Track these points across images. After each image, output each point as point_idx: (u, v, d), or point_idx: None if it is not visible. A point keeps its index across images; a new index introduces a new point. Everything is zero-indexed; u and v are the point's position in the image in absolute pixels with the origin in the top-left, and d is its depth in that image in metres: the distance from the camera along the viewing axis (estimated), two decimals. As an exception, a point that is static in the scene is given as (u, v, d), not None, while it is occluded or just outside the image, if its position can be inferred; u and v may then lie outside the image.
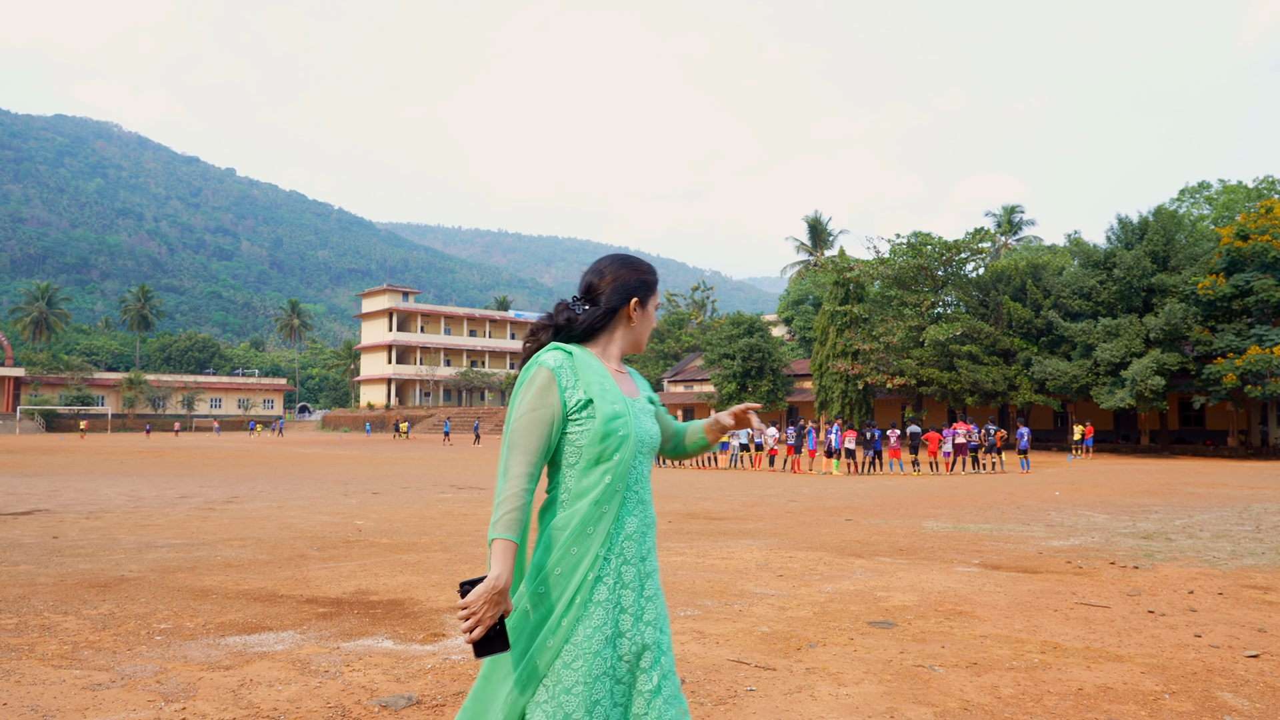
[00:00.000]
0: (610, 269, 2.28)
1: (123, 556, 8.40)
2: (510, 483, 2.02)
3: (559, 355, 2.13)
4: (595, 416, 2.08)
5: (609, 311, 2.24)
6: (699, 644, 5.10)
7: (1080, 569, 7.92)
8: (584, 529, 2.07)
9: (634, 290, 2.27)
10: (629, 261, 2.33)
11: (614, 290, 2.25)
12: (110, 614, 5.85)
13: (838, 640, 5.17)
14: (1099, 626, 5.54)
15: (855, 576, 7.47)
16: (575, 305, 2.26)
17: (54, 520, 11.53)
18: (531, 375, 2.11)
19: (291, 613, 5.95)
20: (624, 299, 2.25)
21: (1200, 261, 36.51)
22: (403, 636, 5.29)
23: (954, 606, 6.15)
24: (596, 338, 2.25)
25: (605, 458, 2.10)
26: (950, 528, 11.30)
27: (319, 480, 20.01)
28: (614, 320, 2.26)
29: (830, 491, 17.94)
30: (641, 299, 2.29)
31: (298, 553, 8.74)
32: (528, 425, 2.06)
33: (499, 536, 1.98)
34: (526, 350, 2.23)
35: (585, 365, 2.14)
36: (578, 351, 2.16)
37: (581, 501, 2.09)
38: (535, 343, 2.23)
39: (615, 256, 2.34)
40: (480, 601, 1.91)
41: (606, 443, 2.10)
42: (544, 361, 2.11)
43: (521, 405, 2.08)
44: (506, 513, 1.99)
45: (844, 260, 48.70)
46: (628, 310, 2.27)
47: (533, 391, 2.08)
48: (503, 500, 2.01)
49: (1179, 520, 12.14)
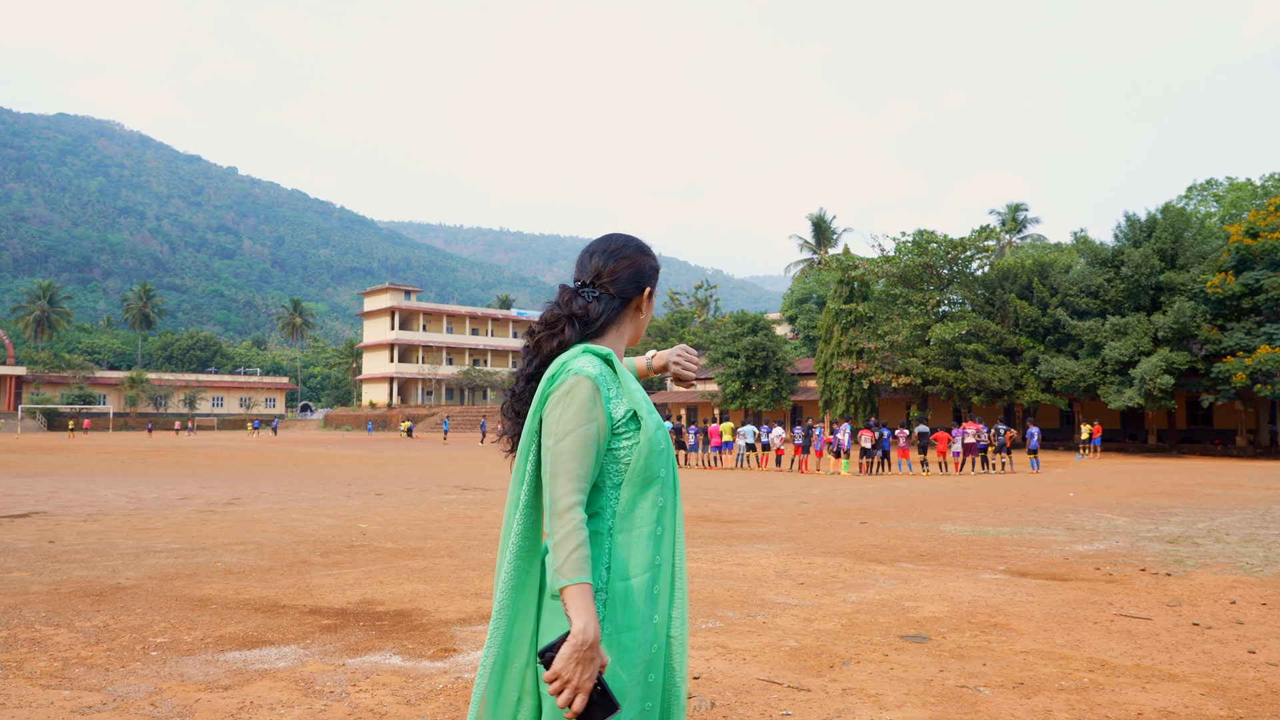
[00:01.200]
0: (623, 251, 2.00)
1: (120, 562, 8.13)
2: (566, 517, 1.72)
3: (597, 362, 1.84)
4: (642, 431, 1.83)
5: (623, 303, 1.98)
6: (725, 661, 4.82)
7: (1111, 576, 7.64)
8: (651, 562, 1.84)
9: (648, 278, 2.02)
10: (639, 244, 2.05)
11: (629, 277, 1.98)
12: (104, 626, 5.58)
13: (871, 657, 4.89)
14: (1144, 641, 5.26)
15: (879, 584, 7.19)
16: (587, 293, 1.96)
17: (51, 523, 11.27)
18: (568, 386, 1.79)
19: (294, 625, 5.68)
20: (639, 288, 1.99)
21: (1209, 259, 36.18)
22: (411, 652, 5.02)
23: (988, 618, 5.88)
24: (607, 332, 1.98)
25: (655, 477, 1.85)
26: (969, 531, 11.02)
27: (321, 481, 19.75)
28: (625, 312, 2.00)
29: (840, 493, 17.66)
30: (652, 287, 2.04)
31: (300, 558, 8.48)
32: (575, 447, 1.77)
33: (573, 581, 1.68)
34: (545, 351, 1.91)
35: (624, 371, 1.88)
36: (612, 355, 1.90)
37: (639, 530, 1.83)
38: (558, 342, 1.91)
39: (623, 238, 2.05)
40: (572, 665, 1.62)
41: (656, 460, 1.85)
42: (583, 370, 1.81)
43: (564, 422, 1.78)
44: (572, 551, 1.69)
45: (848, 258, 48.38)
46: (640, 300, 2.01)
47: (575, 406, 1.78)
48: (564, 538, 1.70)
49: (1201, 523, 11.86)
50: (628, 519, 1.83)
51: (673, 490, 1.92)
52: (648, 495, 1.84)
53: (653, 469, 1.84)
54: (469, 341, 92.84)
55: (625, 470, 1.83)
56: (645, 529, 1.82)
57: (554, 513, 1.73)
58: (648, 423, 1.83)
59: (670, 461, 1.91)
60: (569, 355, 1.85)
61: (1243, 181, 56.26)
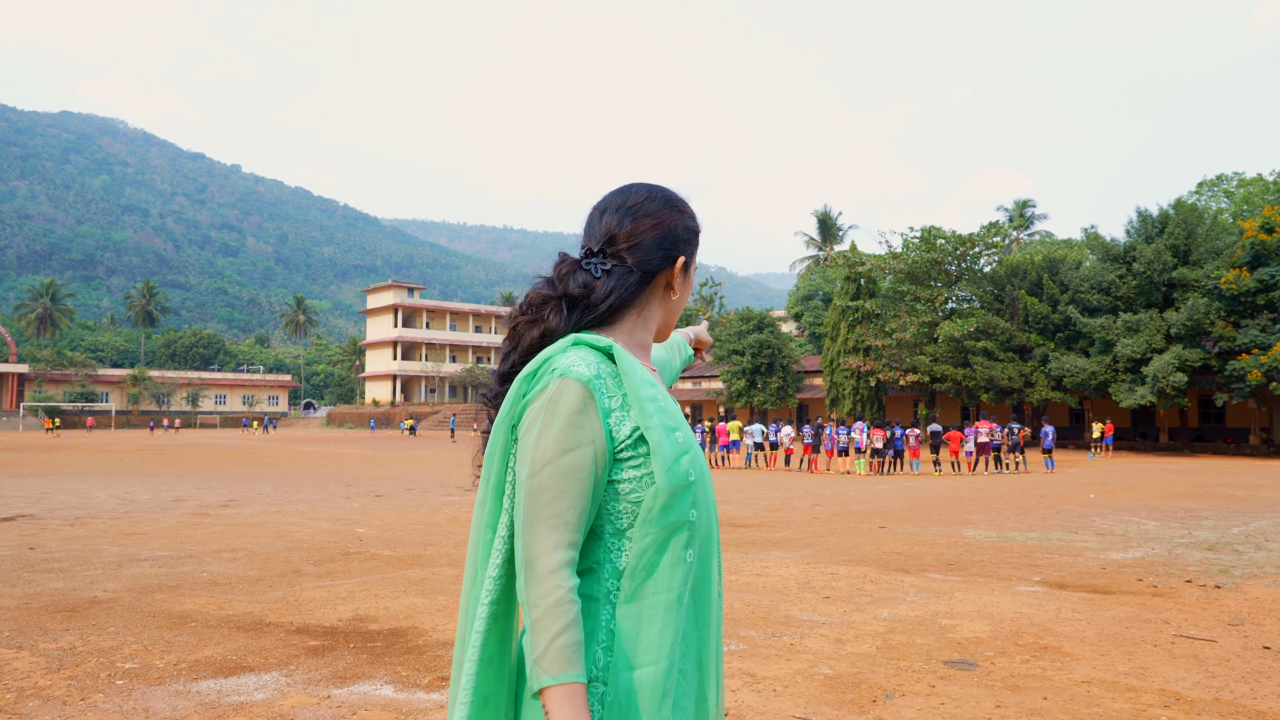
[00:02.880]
0: (646, 207, 1.44)
1: (100, 572, 7.66)
2: (548, 583, 1.20)
3: (591, 356, 1.30)
4: (656, 457, 1.26)
5: (645, 277, 1.42)
6: (754, 692, 4.33)
7: (1156, 588, 7.14)
8: (671, 646, 1.27)
9: (683, 244, 1.45)
10: (669, 196, 1.48)
11: (655, 242, 1.42)
12: (71, 649, 5.10)
13: (916, 688, 4.40)
14: (1215, 668, 4.77)
15: (910, 599, 6.70)
16: (592, 265, 1.41)
17: (36, 528, 10.80)
18: (551, 393, 1.26)
19: (278, 646, 5.20)
20: (667, 257, 1.43)
21: (1223, 255, 35.60)
22: (405, 681, 4.54)
23: (1035, 639, 5.38)
24: (623, 318, 1.42)
25: (680, 523, 1.28)
26: (994, 537, 10.52)
27: (321, 481, 19.28)
28: (648, 290, 1.44)
29: (854, 494, 17.16)
30: (688, 257, 1.47)
31: (292, 567, 8.00)
32: (560, 481, 1.23)
33: (558, 681, 1.17)
34: (526, 344, 1.38)
35: (630, 370, 1.31)
36: (615, 347, 1.33)
37: (654, 598, 1.27)
38: (541, 331, 1.37)
39: (646, 188, 1.47)
40: None
41: (681, 500, 1.28)
42: (570, 369, 1.27)
43: (544, 446, 1.25)
44: (556, 635, 1.18)
45: (855, 255, 47.81)
46: (670, 275, 1.44)
47: (559, 422, 1.25)
48: (544, 615, 1.19)
49: (1235, 528, 11.35)
50: (638, 582, 1.28)
51: (709, 540, 1.35)
52: (669, 549, 1.28)
53: (676, 512, 1.28)
54: (472, 339, 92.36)
55: (633, 512, 1.28)
56: (664, 597, 1.27)
57: (530, 575, 1.22)
58: (664, 446, 1.27)
59: (705, 498, 1.34)
60: (555, 349, 1.31)
61: (1253, 177, 55.62)
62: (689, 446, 1.31)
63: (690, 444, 1.32)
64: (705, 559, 1.34)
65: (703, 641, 1.33)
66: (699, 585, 1.33)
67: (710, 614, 1.35)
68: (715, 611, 1.36)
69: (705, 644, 1.34)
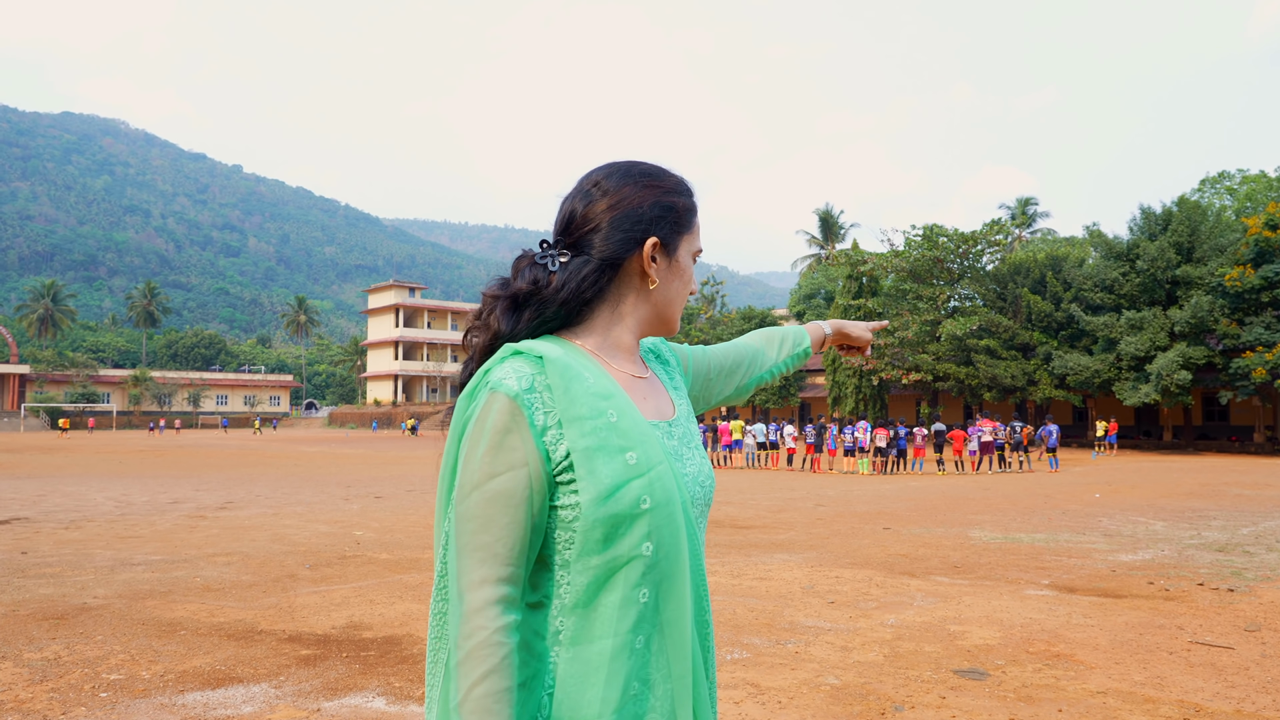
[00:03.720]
0: (605, 184, 1.25)
1: (91, 577, 7.52)
2: (469, 620, 1.07)
3: (525, 367, 1.14)
4: (590, 482, 1.10)
5: (606, 266, 1.23)
6: (757, 705, 4.19)
7: (1168, 592, 6.99)
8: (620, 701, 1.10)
9: (652, 222, 1.24)
10: (645, 170, 1.28)
11: (613, 224, 1.22)
12: (56, 658, 4.96)
13: (926, 699, 4.25)
14: (1235, 678, 4.62)
15: (917, 603, 6.55)
16: (547, 257, 1.23)
17: (29, 531, 10.67)
18: (480, 410, 1.13)
19: (269, 655, 5.06)
20: (631, 240, 1.23)
21: (1227, 252, 35.39)
22: (398, 692, 4.40)
23: (1047, 646, 5.23)
24: (591, 316, 1.25)
25: (626, 557, 1.11)
26: (1000, 538, 10.38)
27: (320, 482, 19.15)
28: (617, 282, 1.25)
29: (857, 494, 17.01)
30: (665, 238, 1.26)
31: (287, 572, 7.86)
32: (487, 508, 1.09)
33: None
34: (477, 354, 1.24)
35: (572, 378, 1.14)
36: (554, 354, 1.16)
37: (597, 644, 1.11)
38: (486, 338, 1.22)
39: (619, 164, 1.28)
40: None
41: (621, 529, 1.10)
42: (500, 383, 1.12)
43: (469, 470, 1.11)
44: (477, 682, 1.04)
45: (857, 253, 47.60)
46: (639, 262, 1.25)
47: (485, 441, 1.11)
48: (465, 657, 1.06)
49: (1245, 529, 11.20)
50: (580, 623, 1.12)
51: (673, 577, 1.15)
52: (612, 587, 1.11)
53: (620, 545, 1.11)
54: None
55: (575, 542, 1.12)
56: (609, 642, 1.10)
57: (457, 613, 1.08)
58: (600, 470, 1.10)
59: (670, 529, 1.14)
60: (493, 360, 1.17)
61: (1257, 174, 55.37)
62: (646, 470, 1.13)
63: (648, 467, 1.13)
64: (671, 599, 1.15)
65: (678, 694, 1.15)
66: (667, 629, 1.14)
67: (686, 661, 1.16)
68: (695, 658, 1.18)
69: (682, 697, 1.15)
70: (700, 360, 1.51)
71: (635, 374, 1.27)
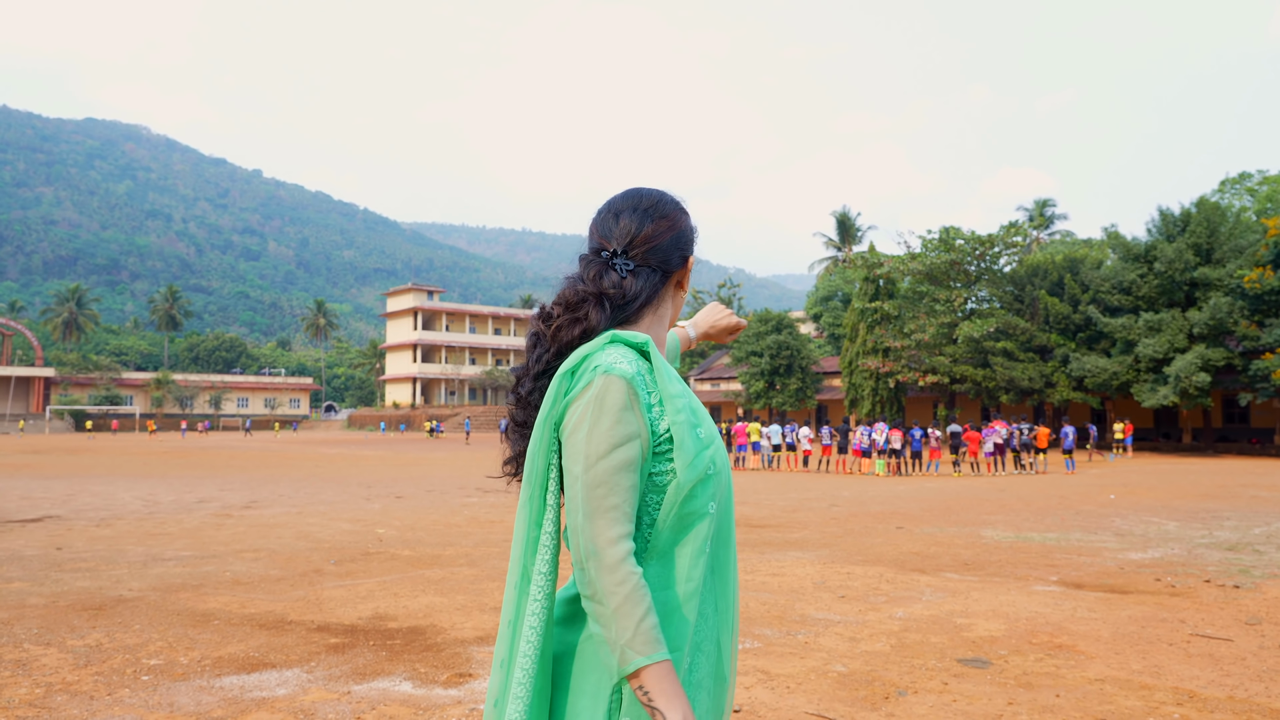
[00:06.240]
0: (660, 209, 1.52)
1: (125, 572, 7.79)
2: (620, 571, 1.26)
3: (630, 354, 1.36)
4: (679, 450, 1.33)
5: (664, 276, 1.51)
6: (767, 689, 4.38)
7: (1174, 588, 7.12)
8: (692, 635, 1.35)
9: (690, 244, 1.57)
10: (676, 201, 1.57)
11: (671, 243, 1.51)
12: (97, 645, 5.21)
13: (929, 685, 4.43)
14: (1230, 667, 4.76)
15: (926, 598, 6.71)
16: (620, 266, 1.47)
17: (62, 528, 10.98)
18: (598, 390, 1.31)
19: (299, 644, 5.28)
20: (682, 257, 1.54)
21: (1246, 254, 35.20)
22: (424, 677, 4.61)
23: (1050, 638, 5.39)
24: (640, 316, 1.50)
25: (699, 514, 1.35)
26: (1012, 537, 10.50)
27: (342, 483, 19.45)
28: (665, 289, 1.54)
29: (872, 494, 17.13)
30: (693, 254, 1.59)
31: (313, 567, 8.10)
32: (616, 474, 1.29)
33: (653, 660, 1.24)
34: (563, 341, 1.44)
35: (662, 367, 1.39)
36: (650, 344, 1.40)
37: (677, 588, 1.35)
38: (581, 330, 1.43)
39: (655, 193, 1.56)
40: None
41: (701, 491, 1.35)
42: (613, 366, 1.33)
43: (596, 440, 1.30)
44: (641, 618, 1.24)
45: (874, 256, 47.63)
46: (682, 273, 1.56)
47: (609, 417, 1.31)
48: (624, 601, 1.25)
49: (1257, 528, 11.27)
50: (660, 569, 1.36)
51: (726, 532, 1.42)
52: (687, 539, 1.35)
53: (696, 503, 1.35)
54: (492, 342, 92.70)
55: (661, 504, 1.35)
56: (685, 588, 1.35)
57: (599, 566, 1.27)
58: (687, 441, 1.34)
59: (724, 493, 1.41)
60: (592, 346, 1.37)
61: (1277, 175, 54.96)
62: (711, 441, 1.39)
63: (712, 439, 1.40)
64: (723, 548, 1.41)
65: (721, 625, 1.41)
66: (718, 572, 1.40)
67: (729, 599, 1.42)
68: (733, 598, 1.44)
69: (724, 627, 1.41)
70: None
71: None
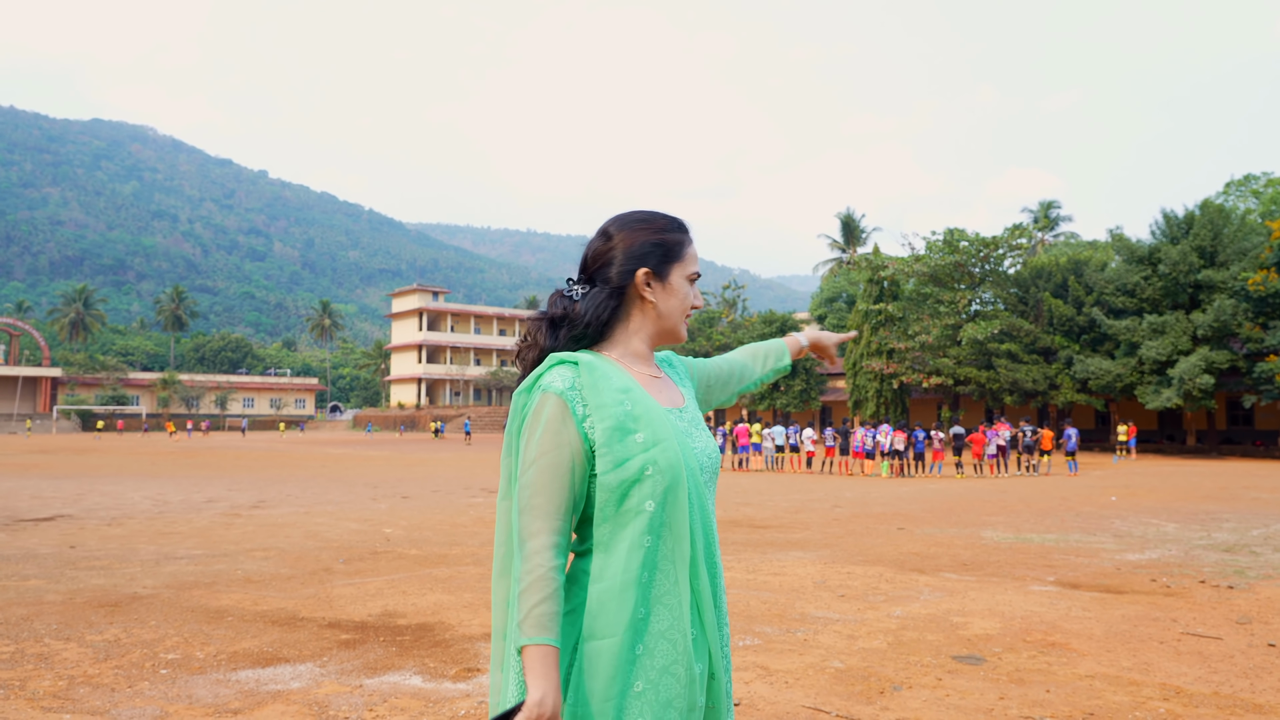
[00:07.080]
0: (616, 230, 1.66)
1: (138, 570, 7.95)
2: (532, 561, 1.46)
3: (565, 371, 1.55)
4: (606, 456, 1.51)
5: (615, 293, 1.63)
6: (766, 684, 4.51)
7: (1169, 588, 7.24)
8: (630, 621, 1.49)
9: (647, 255, 1.64)
10: (640, 218, 1.68)
11: (618, 260, 1.64)
12: (115, 640, 5.36)
13: (924, 681, 4.56)
14: (1218, 664, 4.89)
15: (924, 597, 6.84)
16: (571, 289, 1.65)
17: (74, 527, 11.15)
18: (535, 406, 1.53)
19: (312, 640, 5.43)
20: (629, 272, 1.64)
21: (1250, 256, 35.25)
22: (433, 671, 4.75)
23: (1044, 636, 5.52)
24: (613, 333, 1.66)
25: (634, 510, 1.51)
26: (1012, 538, 10.62)
27: (348, 483, 19.62)
28: (625, 305, 1.66)
29: (875, 496, 17.25)
30: (656, 268, 1.65)
31: (322, 566, 8.25)
32: (541, 477, 1.50)
33: (531, 641, 1.41)
34: (527, 364, 1.64)
35: (600, 378, 1.54)
36: (588, 361, 1.56)
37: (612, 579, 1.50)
38: (534, 353, 1.63)
39: (626, 214, 1.69)
40: None
41: (628, 490, 1.51)
42: (548, 384, 1.53)
43: (529, 450, 1.52)
44: (535, 605, 1.43)
45: (878, 258, 47.76)
46: (636, 287, 1.64)
47: (540, 429, 1.51)
48: (527, 588, 1.44)
49: (1256, 530, 11.37)
50: (603, 563, 1.52)
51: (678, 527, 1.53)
52: (623, 534, 1.51)
53: (630, 502, 1.50)
54: (496, 342, 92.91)
55: (602, 502, 1.53)
56: (621, 578, 1.49)
57: (520, 554, 1.48)
58: (613, 446, 1.50)
59: (673, 492, 1.52)
60: (543, 367, 1.58)
61: (1282, 177, 54.94)
62: (652, 444, 1.51)
63: (655, 442, 1.52)
64: (676, 543, 1.52)
65: (691, 617, 1.53)
66: (672, 564, 1.52)
67: (699, 592, 1.54)
68: (705, 593, 1.55)
69: (696, 619, 1.54)
70: (703, 370, 1.91)
71: (652, 374, 1.68)
